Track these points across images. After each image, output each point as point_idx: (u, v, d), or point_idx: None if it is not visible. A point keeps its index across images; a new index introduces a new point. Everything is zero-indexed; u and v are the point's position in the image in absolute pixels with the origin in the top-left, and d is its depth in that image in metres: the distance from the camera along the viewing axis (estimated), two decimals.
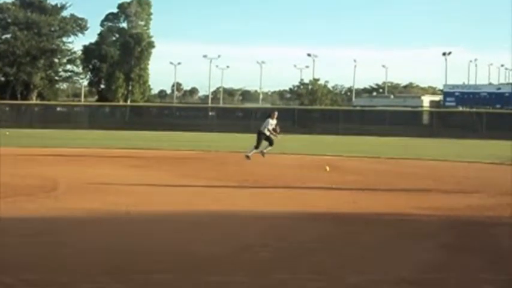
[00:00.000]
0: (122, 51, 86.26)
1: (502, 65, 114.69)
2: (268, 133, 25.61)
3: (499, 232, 11.24)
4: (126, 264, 8.45)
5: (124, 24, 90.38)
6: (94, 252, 9.14)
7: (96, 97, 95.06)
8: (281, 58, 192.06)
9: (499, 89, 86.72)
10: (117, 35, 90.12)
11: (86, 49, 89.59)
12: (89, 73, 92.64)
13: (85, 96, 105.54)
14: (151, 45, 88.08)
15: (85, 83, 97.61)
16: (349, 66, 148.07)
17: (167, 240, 10.06)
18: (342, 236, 10.71)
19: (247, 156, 24.96)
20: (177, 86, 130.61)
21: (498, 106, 79.08)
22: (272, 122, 25.93)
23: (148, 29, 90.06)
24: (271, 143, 25.72)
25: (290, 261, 8.71)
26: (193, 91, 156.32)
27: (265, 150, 25.47)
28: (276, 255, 9.16)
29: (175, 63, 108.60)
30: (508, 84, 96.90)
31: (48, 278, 7.73)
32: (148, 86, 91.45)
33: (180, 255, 9.00)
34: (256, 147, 25.51)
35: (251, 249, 9.45)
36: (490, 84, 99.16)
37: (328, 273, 8.07)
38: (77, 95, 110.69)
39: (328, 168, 21.31)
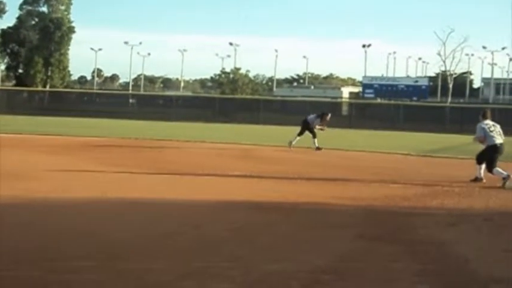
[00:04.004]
0: (41, 35, 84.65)
1: (420, 58, 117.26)
2: (316, 127, 26.71)
3: (414, 222, 11.47)
4: (45, 251, 8.34)
5: (44, 9, 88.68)
6: (12, 240, 9.00)
7: (14, 82, 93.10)
8: (203, 46, 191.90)
9: (416, 81, 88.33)
10: (36, 19, 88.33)
11: (4, 33, 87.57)
12: (7, 57, 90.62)
13: (2, 81, 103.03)
14: (71, 30, 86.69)
15: (2, 67, 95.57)
16: (271, 56, 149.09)
17: (86, 228, 9.95)
18: (260, 224, 10.78)
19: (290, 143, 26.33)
20: (98, 72, 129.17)
21: (415, 99, 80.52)
22: (319, 123, 26.66)
23: (68, 14, 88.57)
24: (300, 133, 26.75)
25: (208, 250, 8.73)
26: (114, 78, 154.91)
27: (294, 142, 26.05)
28: (194, 243, 9.17)
29: (96, 49, 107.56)
30: (425, 77, 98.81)
31: None
32: (68, 71, 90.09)
33: (99, 242, 8.94)
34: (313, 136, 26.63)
35: (169, 237, 9.44)
36: (408, 77, 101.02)
37: (245, 262, 8.11)
38: None
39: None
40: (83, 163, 18.81)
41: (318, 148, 25.85)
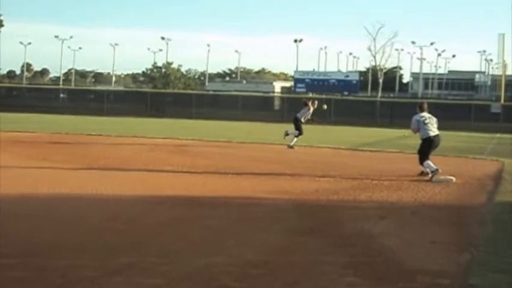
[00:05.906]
0: None
1: (351, 53, 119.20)
2: (303, 121, 26.22)
3: (344, 215, 11.57)
4: None
5: None
6: None
7: None
8: (135, 41, 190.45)
9: (347, 76, 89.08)
10: None
11: None
12: None
13: None
14: None
15: None
16: (203, 50, 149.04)
17: (9, 225, 9.74)
18: (190, 219, 10.73)
19: (290, 146, 25.43)
20: (27, 66, 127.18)
21: (346, 93, 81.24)
22: (310, 111, 26.26)
23: None
24: (301, 132, 25.96)
25: (137, 245, 8.66)
26: (44, 72, 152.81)
27: (291, 143, 25.60)
28: (123, 238, 9.08)
29: (25, 43, 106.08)
30: (355, 72, 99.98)
31: None
32: None
33: (23, 239, 8.76)
34: (299, 133, 26.02)
35: (98, 233, 9.34)
36: (339, 71, 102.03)
37: (175, 256, 8.08)
38: None
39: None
40: (11, 159, 18.46)
41: (290, 146, 25.44)
